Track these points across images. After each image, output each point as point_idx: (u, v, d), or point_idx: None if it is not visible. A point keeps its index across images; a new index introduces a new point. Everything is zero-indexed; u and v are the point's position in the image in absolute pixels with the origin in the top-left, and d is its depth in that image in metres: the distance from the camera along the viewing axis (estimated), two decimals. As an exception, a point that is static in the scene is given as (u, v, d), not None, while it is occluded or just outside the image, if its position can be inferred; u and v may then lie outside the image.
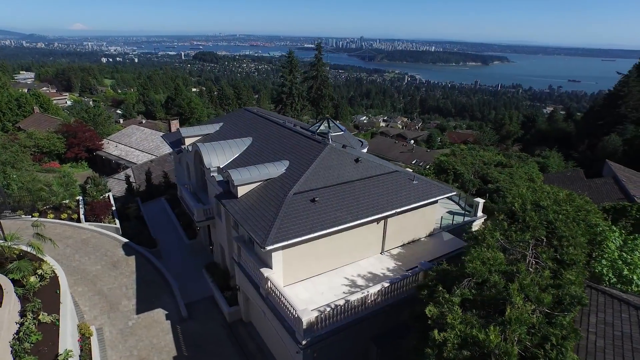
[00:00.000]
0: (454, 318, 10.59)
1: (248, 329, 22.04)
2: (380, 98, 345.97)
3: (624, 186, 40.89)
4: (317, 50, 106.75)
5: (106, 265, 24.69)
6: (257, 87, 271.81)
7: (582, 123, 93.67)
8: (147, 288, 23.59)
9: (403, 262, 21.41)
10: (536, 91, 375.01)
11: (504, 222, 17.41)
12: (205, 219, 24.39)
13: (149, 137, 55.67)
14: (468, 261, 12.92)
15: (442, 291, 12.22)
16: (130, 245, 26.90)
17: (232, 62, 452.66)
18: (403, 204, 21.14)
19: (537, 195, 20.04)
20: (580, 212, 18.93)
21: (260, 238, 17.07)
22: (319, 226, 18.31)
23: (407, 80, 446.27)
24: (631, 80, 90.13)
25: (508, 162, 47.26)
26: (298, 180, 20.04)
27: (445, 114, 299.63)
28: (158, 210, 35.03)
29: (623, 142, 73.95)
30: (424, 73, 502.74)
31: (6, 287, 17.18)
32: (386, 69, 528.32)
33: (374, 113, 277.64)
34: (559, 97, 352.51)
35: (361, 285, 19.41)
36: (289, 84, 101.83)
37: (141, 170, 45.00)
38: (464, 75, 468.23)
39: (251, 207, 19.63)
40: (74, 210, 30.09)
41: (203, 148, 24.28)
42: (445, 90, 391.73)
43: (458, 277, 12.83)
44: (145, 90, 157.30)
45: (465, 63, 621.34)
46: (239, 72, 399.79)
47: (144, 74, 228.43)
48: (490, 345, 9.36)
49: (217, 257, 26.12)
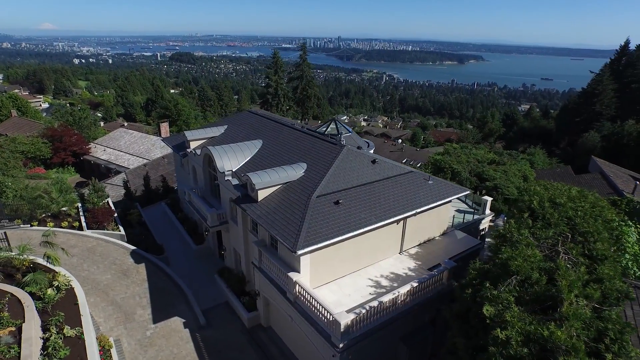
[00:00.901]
0: (513, 316, 10.77)
1: (269, 334, 21.82)
2: (360, 97, 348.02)
3: (612, 181, 42.50)
4: (302, 51, 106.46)
5: (116, 274, 23.97)
6: (236, 87, 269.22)
7: (560, 120, 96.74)
8: (161, 296, 23.05)
9: (422, 262, 21.63)
10: (511, 89, 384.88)
11: (529, 219, 17.89)
12: (219, 223, 23.98)
13: (139, 140, 54.30)
14: (510, 259, 13.16)
15: (489, 288, 12.40)
16: (138, 253, 26.21)
17: (209, 62, 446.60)
18: (422, 204, 21.38)
19: (551, 193, 20.65)
20: (595, 208, 19.53)
21: (290, 243, 16.92)
22: (345, 228, 18.31)
23: (386, 80, 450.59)
24: (605, 79, 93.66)
25: (500, 159, 48.38)
26: (319, 182, 19.99)
27: (424, 113, 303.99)
28: (159, 216, 34.23)
29: (601, 139, 76.80)
30: (402, 72, 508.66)
31: (25, 301, 16.53)
32: (364, 68, 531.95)
33: (354, 112, 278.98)
34: (533, 95, 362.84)
35: (385, 286, 19.52)
36: (275, 84, 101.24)
37: (135, 174, 43.89)
38: (441, 74, 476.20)
39: (273, 211, 19.44)
40: (74, 218, 29.07)
41: (214, 151, 23.88)
42: (423, 89, 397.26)
43: (502, 275, 13.04)
44: (123, 92, 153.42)
45: (441, 62, 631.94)
46: (217, 73, 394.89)
47: (122, 76, 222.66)
48: (557, 341, 9.56)
49: (230, 262, 25.73)
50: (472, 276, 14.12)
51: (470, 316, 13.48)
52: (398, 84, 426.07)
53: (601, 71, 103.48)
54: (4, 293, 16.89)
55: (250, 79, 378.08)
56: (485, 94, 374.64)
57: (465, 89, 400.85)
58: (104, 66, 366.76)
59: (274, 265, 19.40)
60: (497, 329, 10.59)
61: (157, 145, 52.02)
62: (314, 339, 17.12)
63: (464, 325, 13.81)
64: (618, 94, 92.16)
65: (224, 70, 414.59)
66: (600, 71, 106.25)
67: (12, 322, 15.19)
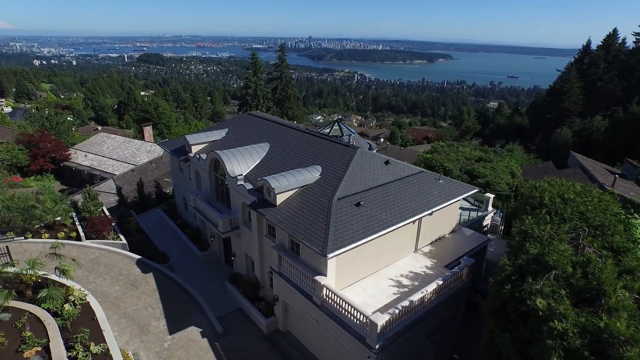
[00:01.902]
0: (566, 308, 11.17)
1: (288, 339, 21.67)
2: (333, 97, 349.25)
3: (592, 175, 44.49)
4: (281, 52, 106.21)
5: (125, 285, 23.15)
6: (208, 88, 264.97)
7: (532, 117, 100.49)
8: (174, 306, 22.44)
9: (437, 259, 22.03)
10: (479, 87, 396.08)
11: (547, 215, 18.56)
12: (231, 229, 23.58)
13: (123, 145, 52.45)
14: (546, 254, 13.63)
15: (532, 283, 12.79)
16: (144, 262, 25.39)
17: (179, 63, 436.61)
18: (436, 203, 21.77)
19: (557, 189, 21.49)
20: (601, 202, 20.47)
21: (319, 247, 16.86)
22: (370, 230, 18.43)
23: (357, 79, 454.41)
24: (572, 78, 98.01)
25: (487, 157, 49.78)
26: (338, 185, 20.01)
27: (397, 111, 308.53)
28: (156, 222, 33.29)
29: (573, 134, 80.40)
30: (373, 71, 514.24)
31: (45, 319, 15.81)
32: (336, 68, 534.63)
33: (328, 112, 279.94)
34: (500, 92, 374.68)
35: (407, 285, 19.78)
36: (254, 85, 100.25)
37: (124, 180, 42.46)
38: (412, 73, 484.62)
39: (294, 215, 19.30)
40: (70, 228, 27.84)
41: (224, 156, 23.47)
42: (394, 87, 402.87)
43: (540, 270, 13.47)
44: (93, 95, 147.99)
45: (412, 61, 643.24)
46: (188, 74, 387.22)
47: (90, 78, 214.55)
48: (615, 332, 9.99)
49: (241, 268, 25.35)
50: (508, 272, 14.50)
51: (509, 311, 13.86)
52: (370, 83, 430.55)
53: (567, 70, 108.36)
54: (22, 311, 16.07)
55: (221, 79, 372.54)
56: (455, 91, 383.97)
57: (435, 87, 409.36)
58: (68, 68, 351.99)
59: (296, 270, 19.26)
60: (555, 321, 10.93)
61: (143, 150, 50.49)
62: (344, 341, 17.13)
63: (501, 320, 14.19)
64: (584, 91, 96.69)
65: (195, 71, 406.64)
66: (565, 69, 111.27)
67: (37, 341, 14.50)
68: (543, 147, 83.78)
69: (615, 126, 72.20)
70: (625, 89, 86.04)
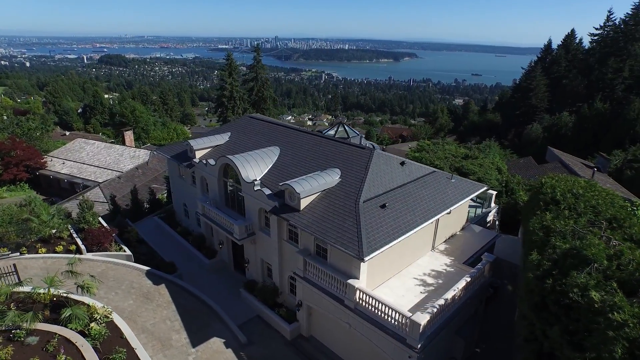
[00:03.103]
0: (621, 300, 11.74)
1: (313, 344, 21.55)
2: (302, 97, 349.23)
3: (572, 169, 46.86)
4: (256, 52, 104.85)
5: (138, 298, 22.22)
6: (175, 90, 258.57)
7: (503, 114, 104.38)
8: (193, 317, 21.78)
9: (454, 257, 22.55)
10: (445, 85, 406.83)
11: (565, 211, 19.40)
12: (247, 235, 23.14)
13: (103, 151, 50.14)
14: (585, 248, 14.25)
15: (577, 276, 13.35)
16: (153, 273, 24.47)
17: (142, 65, 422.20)
18: (452, 202, 22.29)
19: (563, 185, 22.47)
20: (607, 196, 21.60)
21: (354, 251, 16.86)
22: (398, 231, 18.63)
23: (325, 79, 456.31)
24: (538, 76, 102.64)
25: (472, 154, 51.30)
26: (361, 187, 20.08)
27: (366, 110, 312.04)
28: (154, 231, 32.16)
29: (543, 129, 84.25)
30: (340, 70, 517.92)
31: (77, 341, 15.09)
32: (303, 67, 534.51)
33: (298, 112, 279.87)
34: (465, 90, 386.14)
35: (432, 284, 20.14)
36: (230, 87, 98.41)
37: (111, 188, 40.71)
38: (378, 72, 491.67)
39: (321, 219, 19.20)
40: (68, 241, 26.42)
41: (237, 161, 23.01)
42: (362, 86, 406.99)
43: (579, 264, 14.07)
44: (55, 99, 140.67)
45: (378, 60, 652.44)
46: (152, 76, 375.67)
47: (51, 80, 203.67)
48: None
49: (256, 275, 24.91)
50: (546, 267, 15.05)
51: (550, 304, 14.39)
52: (337, 83, 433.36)
53: (531, 68, 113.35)
54: (48, 334, 15.14)
55: (187, 81, 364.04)
56: (422, 90, 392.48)
57: (402, 85, 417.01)
58: (21, 70, 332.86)
59: (324, 274, 19.17)
60: (614, 313, 11.46)
61: (126, 156, 48.53)
62: (381, 343, 17.23)
63: (542, 314, 14.71)
64: (549, 88, 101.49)
65: (159, 72, 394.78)
66: (530, 68, 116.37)
67: (76, 365, 13.69)
68: (516, 142, 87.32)
69: (581, 121, 76.29)
70: (587, 86, 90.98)
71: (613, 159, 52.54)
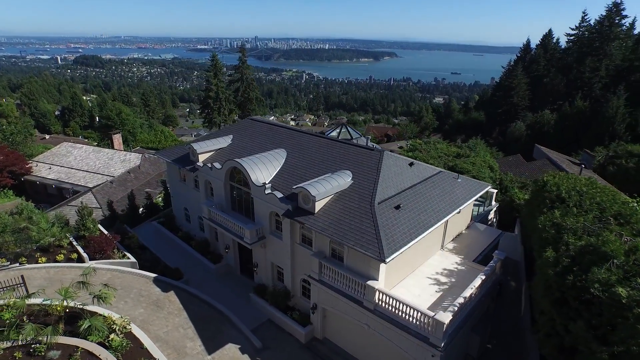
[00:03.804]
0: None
1: (328, 346, 21.57)
2: (283, 97, 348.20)
3: (560, 166, 48.20)
4: (242, 53, 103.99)
5: (148, 306, 21.79)
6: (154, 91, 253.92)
7: (486, 112, 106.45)
8: (205, 324, 21.51)
9: (463, 255, 22.95)
10: (424, 83, 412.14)
11: (574, 208, 19.98)
12: (258, 239, 22.96)
13: (92, 155, 48.78)
14: (603, 244, 14.73)
15: (598, 272, 13.79)
16: (160, 280, 24.04)
17: (120, 66, 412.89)
18: (461, 201, 22.70)
19: (566, 182, 23.12)
20: (609, 193, 22.33)
21: (374, 252, 16.97)
22: (414, 232, 18.85)
23: (306, 78, 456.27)
24: (519, 74, 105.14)
25: (464, 152, 52.19)
26: (374, 189, 20.21)
27: (348, 109, 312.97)
28: (154, 236, 31.56)
29: (526, 127, 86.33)
30: (321, 70, 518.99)
31: (100, 354, 14.78)
32: (284, 67, 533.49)
33: (280, 112, 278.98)
34: (445, 88, 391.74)
35: (445, 282, 20.45)
36: (215, 88, 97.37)
37: (104, 193, 39.72)
38: (359, 71, 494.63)
39: (337, 222, 19.23)
40: (68, 250, 25.67)
41: (246, 165, 22.81)
42: (343, 86, 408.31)
43: (598, 260, 14.54)
44: (31, 101, 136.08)
45: (358, 59, 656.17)
46: (130, 77, 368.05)
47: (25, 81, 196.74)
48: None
49: (266, 279, 24.73)
50: (565, 264, 15.49)
51: (570, 300, 14.83)
52: (319, 82, 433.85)
53: (512, 67, 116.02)
54: (70, 347, 14.70)
55: (167, 82, 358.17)
56: (402, 88, 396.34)
57: (382, 84, 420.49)
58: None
59: (341, 276, 19.20)
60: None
61: (117, 159, 47.38)
62: (402, 343, 17.39)
63: (562, 309, 15.14)
64: (530, 87, 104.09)
65: (138, 73, 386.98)
66: (511, 67, 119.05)
67: (103, 378, 13.33)
68: (500, 140, 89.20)
69: (563, 119, 78.46)
70: (567, 84, 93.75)
71: (597, 155, 54.24)
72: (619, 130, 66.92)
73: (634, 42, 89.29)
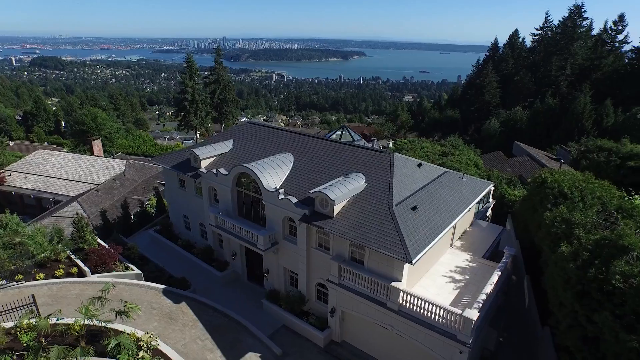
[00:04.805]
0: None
1: (347, 348, 21.66)
2: (254, 98, 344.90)
3: (540, 161, 50.35)
4: (217, 54, 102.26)
5: (162, 319, 21.14)
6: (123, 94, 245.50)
7: (461, 109, 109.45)
8: (222, 334, 21.08)
9: (472, 252, 23.56)
10: (394, 82, 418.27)
11: (580, 203, 20.93)
12: (271, 245, 22.74)
13: (72, 162, 46.55)
14: (622, 237, 15.53)
15: (619, 264, 14.55)
16: (170, 291, 23.34)
17: (82, 68, 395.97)
18: (469, 200, 23.36)
19: (567, 179, 24.12)
20: (606, 188, 23.46)
21: (400, 254, 17.21)
22: (433, 232, 19.25)
23: (276, 79, 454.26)
24: (489, 73, 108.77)
25: (449, 150, 53.53)
26: (389, 191, 20.47)
27: (320, 109, 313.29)
28: (153, 245, 30.63)
29: (500, 124, 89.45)
30: (290, 70, 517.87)
31: (134, 373, 14.01)
32: (253, 68, 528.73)
33: (251, 113, 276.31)
34: (413, 87, 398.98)
35: (460, 280, 20.96)
36: (191, 90, 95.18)
37: (90, 202, 38.08)
38: (328, 71, 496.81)
39: (357, 225, 19.33)
40: (67, 264, 24.48)
41: (256, 170, 22.55)
42: (313, 85, 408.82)
43: (618, 253, 15.34)
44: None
45: (327, 59, 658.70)
46: (94, 79, 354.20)
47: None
48: None
49: (277, 284, 24.50)
50: (585, 257, 16.24)
51: (592, 292, 15.57)
52: (288, 82, 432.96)
53: (482, 65, 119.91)
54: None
55: (133, 84, 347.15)
56: (372, 87, 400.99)
57: (352, 83, 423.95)
58: None
59: (363, 279, 19.32)
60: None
61: (99, 166, 45.51)
62: (429, 341, 17.71)
63: (584, 301, 15.88)
64: (500, 84, 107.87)
65: (102, 76, 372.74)
66: (481, 65, 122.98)
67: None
68: (475, 137, 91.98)
69: (535, 116, 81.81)
70: (536, 82, 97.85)
71: (571, 150, 56.91)
72: (587, 126, 70.49)
73: (593, 43, 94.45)
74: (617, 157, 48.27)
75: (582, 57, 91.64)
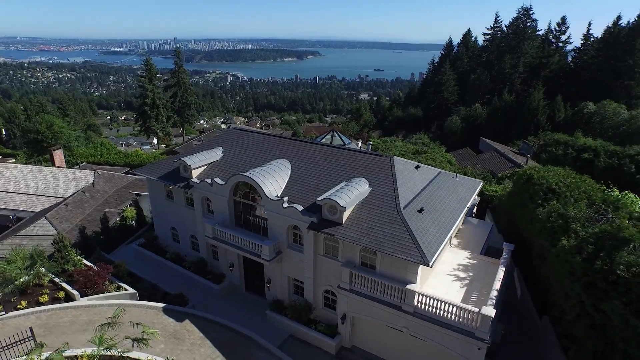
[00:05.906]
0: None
1: (358, 353, 21.72)
2: (210, 100, 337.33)
3: (508, 156, 52.89)
4: (177, 56, 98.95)
5: (168, 339, 20.09)
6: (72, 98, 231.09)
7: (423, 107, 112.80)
8: (232, 350, 20.39)
9: (469, 249, 24.34)
10: (349, 81, 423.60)
11: (571, 198, 22.19)
12: (276, 255, 22.27)
13: (31, 175, 43.01)
14: (621, 229, 16.65)
15: (624, 255, 15.61)
16: (170, 309, 22.24)
17: (19, 70, 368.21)
18: (466, 199, 24.11)
19: (552, 175, 25.42)
20: (588, 182, 24.97)
21: (416, 257, 17.46)
22: (441, 232, 19.74)
23: (231, 80, 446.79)
24: (447, 71, 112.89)
25: (422, 149, 55.06)
26: (395, 194, 20.71)
27: (278, 110, 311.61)
28: (138, 261, 29.01)
29: (461, 121, 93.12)
30: (245, 71, 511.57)
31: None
32: (206, 69, 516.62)
33: (208, 116, 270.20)
34: (369, 85, 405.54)
35: (465, 277, 21.61)
36: (151, 94, 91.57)
37: (60, 218, 35.45)
38: (283, 71, 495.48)
39: (367, 230, 19.39)
40: (51, 288, 22.62)
41: (257, 178, 22.00)
42: (269, 86, 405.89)
43: (619, 245, 16.43)
44: None
45: (282, 59, 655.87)
46: (34, 83, 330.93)
47: None
48: None
49: (280, 294, 24.03)
50: (590, 250, 17.24)
51: (597, 282, 16.58)
52: (244, 83, 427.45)
53: (439, 64, 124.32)
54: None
55: (79, 88, 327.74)
56: (328, 86, 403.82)
57: (308, 83, 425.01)
58: None
59: (375, 283, 19.42)
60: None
61: (64, 178, 42.48)
62: (446, 341, 18.12)
63: (590, 291, 16.88)
64: (457, 82, 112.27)
65: (43, 79, 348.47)
66: (437, 64, 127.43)
67: None
68: (438, 133, 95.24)
69: (493, 112, 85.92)
70: (491, 80, 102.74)
71: (532, 144, 60.27)
72: (542, 121, 74.93)
73: (540, 42, 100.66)
74: (573, 149, 51.84)
75: (532, 55, 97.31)
